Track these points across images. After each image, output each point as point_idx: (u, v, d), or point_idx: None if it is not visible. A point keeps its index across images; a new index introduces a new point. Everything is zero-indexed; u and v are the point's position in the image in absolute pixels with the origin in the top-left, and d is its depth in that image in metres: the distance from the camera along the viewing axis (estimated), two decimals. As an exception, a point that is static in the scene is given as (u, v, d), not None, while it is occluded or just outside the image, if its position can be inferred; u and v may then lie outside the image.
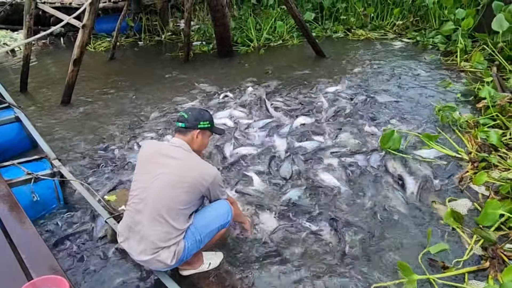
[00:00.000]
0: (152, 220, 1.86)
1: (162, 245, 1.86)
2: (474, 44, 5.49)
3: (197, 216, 2.01)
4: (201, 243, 2.00)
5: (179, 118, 2.11)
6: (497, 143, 3.05)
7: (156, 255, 1.86)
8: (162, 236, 1.86)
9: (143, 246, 1.88)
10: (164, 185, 1.88)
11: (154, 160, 1.98)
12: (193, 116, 2.09)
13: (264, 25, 7.31)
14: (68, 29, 8.68)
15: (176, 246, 1.89)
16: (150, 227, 1.86)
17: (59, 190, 2.81)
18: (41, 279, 1.74)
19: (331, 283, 2.07)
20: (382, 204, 2.65)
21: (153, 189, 1.89)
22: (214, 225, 2.03)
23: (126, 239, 1.96)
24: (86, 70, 6.08)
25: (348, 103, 4.15)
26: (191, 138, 2.08)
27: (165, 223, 1.86)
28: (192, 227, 1.96)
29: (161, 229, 1.85)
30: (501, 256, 2.11)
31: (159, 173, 1.91)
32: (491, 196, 2.58)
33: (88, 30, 4.55)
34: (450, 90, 4.38)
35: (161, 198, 1.87)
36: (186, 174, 1.91)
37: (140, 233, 1.88)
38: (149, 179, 1.92)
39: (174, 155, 1.98)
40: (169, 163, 1.94)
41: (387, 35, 6.99)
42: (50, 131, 4.04)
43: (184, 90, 5.04)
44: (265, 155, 3.29)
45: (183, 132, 2.07)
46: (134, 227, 1.91)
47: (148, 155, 2.05)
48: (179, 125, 2.08)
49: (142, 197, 1.91)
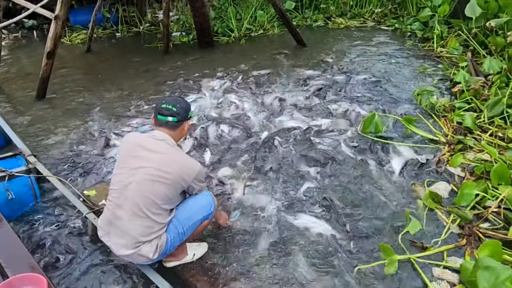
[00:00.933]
0: (133, 215, 1.82)
1: (143, 239, 1.82)
2: (450, 30, 5.61)
3: (180, 209, 1.98)
4: (184, 235, 1.97)
5: (165, 111, 1.94)
6: (471, 126, 3.14)
7: (138, 249, 1.83)
8: (143, 230, 1.82)
9: (124, 240, 1.84)
10: (144, 179, 1.82)
11: (135, 154, 1.91)
12: (182, 108, 1.98)
13: (244, 14, 7.23)
14: (41, 22, 8.35)
15: (158, 240, 1.86)
16: (131, 221, 1.82)
17: (36, 187, 2.72)
18: (17, 277, 1.70)
19: (315, 265, 2.11)
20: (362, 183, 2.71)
21: (133, 184, 1.83)
22: (197, 217, 2.00)
23: (107, 234, 1.92)
24: (62, 63, 5.88)
25: (327, 88, 4.25)
26: (180, 131, 2.00)
27: (146, 218, 1.82)
28: (175, 220, 1.93)
29: (141, 224, 1.82)
30: (477, 233, 2.19)
31: (139, 167, 1.86)
32: (466, 177, 2.67)
33: (61, 22, 4.38)
34: (427, 76, 4.47)
35: (141, 192, 1.81)
36: (168, 169, 1.84)
37: (121, 227, 1.85)
38: (129, 173, 1.86)
39: (157, 149, 1.90)
40: (150, 157, 1.87)
41: (366, 23, 7.05)
42: (25, 127, 3.90)
43: (163, 82, 4.95)
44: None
45: (173, 127, 1.96)
46: (115, 222, 1.87)
47: (129, 148, 1.96)
48: (169, 120, 1.93)
49: (122, 192, 1.86)
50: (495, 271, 1.56)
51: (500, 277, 1.54)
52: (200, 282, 2.07)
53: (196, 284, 2.05)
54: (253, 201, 2.63)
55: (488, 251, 1.82)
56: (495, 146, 2.91)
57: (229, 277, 2.07)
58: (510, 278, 1.54)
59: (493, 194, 2.44)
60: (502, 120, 3.21)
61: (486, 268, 1.59)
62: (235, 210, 2.55)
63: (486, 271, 1.58)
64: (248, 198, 2.67)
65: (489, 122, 3.24)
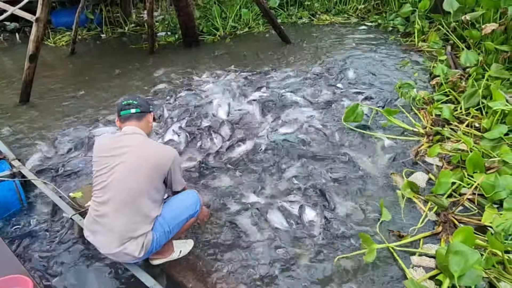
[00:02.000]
0: (117, 211, 1.84)
1: (130, 235, 1.84)
2: (431, 25, 5.73)
3: (165, 208, 2.00)
4: (170, 233, 2.00)
5: (127, 106, 2.03)
6: (449, 117, 3.24)
7: (123, 247, 1.84)
8: (128, 227, 1.84)
9: (110, 239, 1.86)
10: (125, 174, 1.85)
11: (111, 153, 1.92)
12: (142, 100, 2.10)
13: (229, 13, 7.24)
14: (23, 24, 8.21)
15: (144, 238, 1.88)
16: (116, 218, 1.84)
17: (21, 191, 2.71)
18: (3, 279, 1.72)
19: (297, 255, 2.17)
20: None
21: (115, 180, 1.86)
22: (183, 216, 2.03)
23: (92, 233, 1.93)
24: (46, 66, 5.82)
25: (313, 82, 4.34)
26: (146, 122, 2.07)
27: (131, 213, 1.84)
28: (161, 219, 1.95)
29: (127, 220, 1.84)
30: (452, 220, 2.27)
31: (118, 163, 1.87)
32: (444, 167, 2.76)
33: (43, 24, 4.34)
34: (408, 69, 4.57)
35: (124, 187, 1.84)
36: (146, 159, 1.89)
37: (106, 225, 1.86)
38: (109, 172, 1.89)
39: (130, 143, 1.94)
40: (126, 151, 1.90)
41: (350, 19, 7.14)
42: (8, 132, 3.86)
43: (149, 83, 4.95)
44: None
45: (138, 118, 2.04)
46: (100, 220, 1.88)
47: (103, 149, 1.98)
48: (132, 112, 2.02)
49: (105, 190, 1.88)
50: (465, 255, 1.64)
51: (470, 260, 1.62)
52: (187, 278, 2.10)
53: (182, 280, 2.09)
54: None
55: (461, 237, 1.90)
56: (471, 136, 3.02)
57: (216, 272, 2.12)
58: (479, 261, 1.62)
59: (468, 182, 2.53)
60: (478, 111, 3.32)
61: (457, 253, 1.67)
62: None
63: (456, 256, 1.66)
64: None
65: (466, 113, 3.35)
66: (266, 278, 2.06)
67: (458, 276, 1.63)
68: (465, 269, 1.62)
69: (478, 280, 1.63)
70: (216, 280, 2.06)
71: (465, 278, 1.63)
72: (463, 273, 1.62)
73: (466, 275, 1.62)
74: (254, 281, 2.05)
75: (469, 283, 1.64)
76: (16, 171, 2.81)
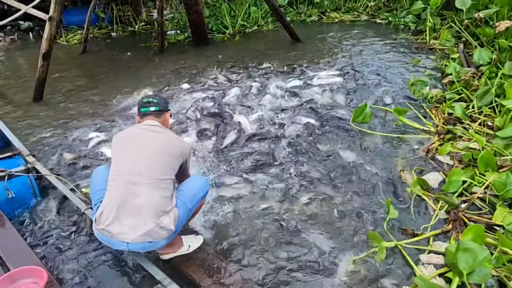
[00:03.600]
0: (151, 187, 1.90)
1: (165, 209, 1.91)
2: (443, 22, 5.64)
3: (183, 188, 2.13)
4: (190, 212, 2.11)
5: (147, 104, 2.18)
6: (461, 115, 3.20)
7: (159, 221, 1.87)
8: (163, 201, 1.92)
9: (144, 216, 1.85)
10: (154, 153, 1.98)
11: (136, 139, 2.07)
12: (162, 99, 2.25)
13: (238, 11, 7.26)
14: (37, 23, 8.39)
15: (173, 212, 1.96)
16: (151, 193, 1.89)
17: (35, 186, 2.78)
18: (18, 270, 1.78)
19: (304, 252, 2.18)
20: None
21: (144, 160, 1.96)
22: (199, 194, 2.16)
23: (116, 219, 1.87)
24: (59, 65, 5.94)
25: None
26: (164, 120, 2.21)
27: (163, 188, 1.94)
28: (182, 197, 2.06)
29: (161, 194, 1.92)
30: (463, 218, 2.25)
31: (145, 145, 2.01)
32: (455, 165, 2.73)
33: (56, 23, 4.43)
34: (420, 68, 4.52)
35: (154, 165, 1.96)
36: (171, 144, 2.06)
37: (139, 204, 1.87)
38: (137, 153, 1.99)
39: (154, 130, 2.09)
40: (152, 136, 2.06)
41: (360, 16, 7.08)
42: (23, 129, 3.96)
43: (159, 81, 5.00)
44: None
45: (157, 115, 2.18)
46: (131, 201, 1.87)
47: (127, 138, 2.12)
48: (151, 110, 2.16)
49: (133, 170, 1.93)
50: (473, 253, 1.63)
51: (478, 257, 1.61)
52: (196, 273, 2.12)
53: (192, 275, 2.12)
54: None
55: (471, 235, 1.89)
56: (483, 134, 2.97)
57: (225, 268, 2.13)
58: (488, 259, 1.60)
59: (479, 180, 2.50)
60: (491, 110, 3.27)
61: (466, 250, 1.65)
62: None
63: (465, 253, 1.65)
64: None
65: (479, 112, 3.30)
66: (275, 275, 2.08)
67: (467, 274, 1.62)
68: (474, 266, 1.61)
69: (487, 278, 1.62)
70: (226, 276, 2.08)
71: (474, 275, 1.62)
72: (472, 270, 1.61)
73: (475, 272, 1.61)
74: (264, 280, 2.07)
75: (478, 281, 1.63)
76: (30, 166, 2.88)
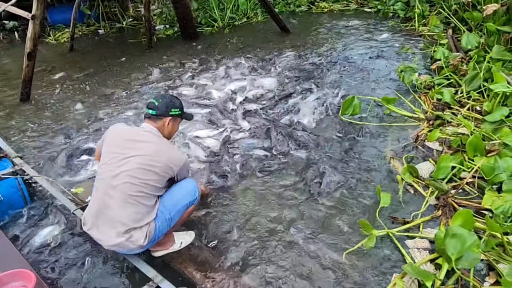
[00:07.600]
0: (123, 202, 1.86)
1: (134, 225, 1.87)
2: (432, 8, 5.62)
3: (165, 196, 2.04)
4: (171, 221, 2.03)
5: (150, 104, 2.10)
6: (450, 101, 3.20)
7: (129, 235, 1.87)
8: (134, 217, 1.87)
9: (115, 229, 1.87)
10: (134, 167, 1.89)
11: (124, 144, 1.97)
12: (164, 104, 2.10)
13: (227, 4, 7.17)
14: (21, 23, 8.22)
15: (148, 227, 1.90)
16: (122, 208, 1.86)
17: (24, 188, 2.74)
18: (6, 273, 1.75)
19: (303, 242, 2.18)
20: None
21: (124, 173, 1.89)
22: (183, 202, 2.06)
23: (94, 225, 1.94)
24: (46, 63, 5.84)
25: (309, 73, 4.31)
26: (161, 125, 2.10)
27: (136, 204, 1.87)
28: (161, 207, 1.98)
29: (133, 210, 1.87)
30: (452, 203, 2.26)
31: (129, 156, 1.91)
32: (444, 151, 2.73)
33: (39, 21, 4.33)
34: (409, 55, 4.51)
35: (132, 180, 1.87)
36: (156, 158, 1.93)
37: (111, 216, 1.88)
38: (120, 163, 1.91)
39: (144, 139, 1.99)
40: (139, 146, 1.95)
41: (350, 5, 7.03)
42: (10, 130, 3.90)
43: (145, 77, 4.94)
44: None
45: (154, 119, 2.09)
46: (105, 211, 1.89)
47: (117, 139, 2.03)
48: (149, 112, 2.09)
49: (112, 181, 1.90)
50: (461, 238, 1.64)
51: (467, 243, 1.62)
52: (188, 269, 2.12)
53: (184, 271, 2.11)
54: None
55: (460, 220, 1.89)
56: (472, 119, 2.98)
57: (218, 263, 2.13)
58: (475, 244, 1.61)
59: (468, 165, 2.51)
60: (479, 94, 3.27)
61: (454, 236, 1.66)
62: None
63: (453, 239, 1.66)
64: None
65: (467, 97, 3.30)
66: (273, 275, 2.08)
67: (456, 259, 1.63)
68: (462, 252, 1.61)
69: (475, 262, 1.63)
70: (218, 271, 2.08)
71: (462, 260, 1.63)
72: (460, 256, 1.62)
73: (463, 257, 1.62)
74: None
75: (467, 266, 1.64)
76: (18, 168, 2.84)
